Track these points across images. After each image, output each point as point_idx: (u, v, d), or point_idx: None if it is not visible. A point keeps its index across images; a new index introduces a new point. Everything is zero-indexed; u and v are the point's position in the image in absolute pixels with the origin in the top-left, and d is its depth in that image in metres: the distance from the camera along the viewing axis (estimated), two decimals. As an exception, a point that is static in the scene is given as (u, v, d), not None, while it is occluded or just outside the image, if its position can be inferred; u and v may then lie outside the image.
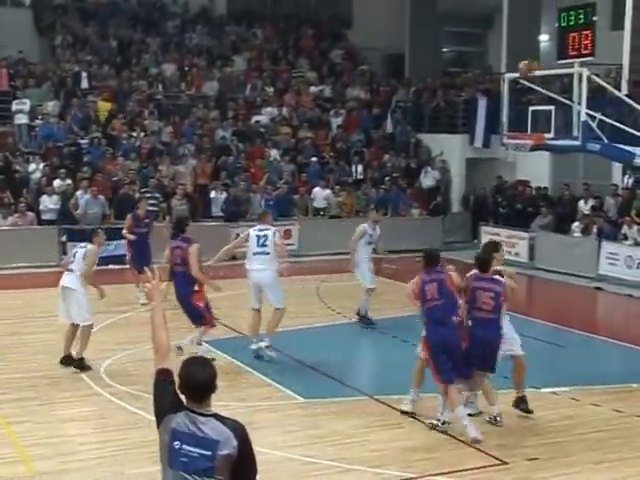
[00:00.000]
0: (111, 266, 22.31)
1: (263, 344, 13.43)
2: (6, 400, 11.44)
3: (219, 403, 10.78)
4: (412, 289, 10.72)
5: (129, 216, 18.66)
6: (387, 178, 27.98)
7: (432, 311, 10.44)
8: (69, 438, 10.00)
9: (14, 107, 26.54)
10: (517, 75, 17.58)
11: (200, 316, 13.21)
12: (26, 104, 26.56)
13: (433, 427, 10.31)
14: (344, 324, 16.41)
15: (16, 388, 11.95)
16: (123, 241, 22.87)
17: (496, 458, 9.56)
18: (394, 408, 11.16)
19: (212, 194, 25.55)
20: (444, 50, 37.17)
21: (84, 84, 28.48)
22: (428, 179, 28.98)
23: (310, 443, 9.98)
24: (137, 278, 17.51)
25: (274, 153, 27.95)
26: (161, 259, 14.50)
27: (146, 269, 6.95)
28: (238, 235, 24.36)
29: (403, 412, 10.78)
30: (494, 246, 11.58)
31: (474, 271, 10.76)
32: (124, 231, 18.36)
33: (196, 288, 13.20)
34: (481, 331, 10.35)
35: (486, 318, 10.36)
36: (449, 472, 9.12)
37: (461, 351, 10.34)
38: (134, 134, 26.95)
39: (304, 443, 9.97)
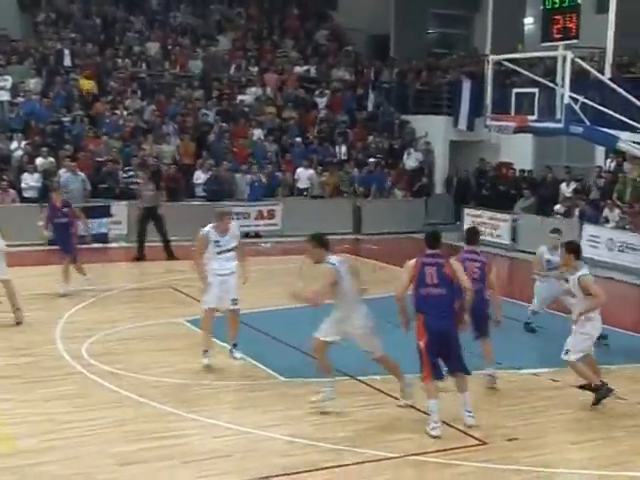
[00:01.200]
0: (94, 245, 22.24)
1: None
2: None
3: (200, 382, 10.84)
4: (404, 280, 10.01)
5: (46, 207, 17.99)
6: (371, 159, 27.96)
7: (428, 298, 9.78)
8: (50, 416, 9.95)
9: (-5, 84, 26.36)
10: (501, 57, 17.62)
11: None
12: (8, 81, 26.31)
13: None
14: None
15: (-3, 366, 11.94)
16: (105, 219, 22.95)
17: (476, 438, 9.60)
18: (375, 388, 11.20)
19: (196, 174, 25.47)
20: (429, 32, 37.05)
21: (67, 62, 28.29)
22: (411, 160, 28.99)
23: (291, 422, 9.99)
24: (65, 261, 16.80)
25: (258, 133, 27.87)
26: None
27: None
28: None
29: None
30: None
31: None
32: (40, 223, 17.20)
33: None
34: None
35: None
36: (429, 452, 9.16)
37: (458, 344, 9.98)
38: (117, 112, 26.80)
39: (285, 422, 9.97)
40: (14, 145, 24.58)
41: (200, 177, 25.36)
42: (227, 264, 12.07)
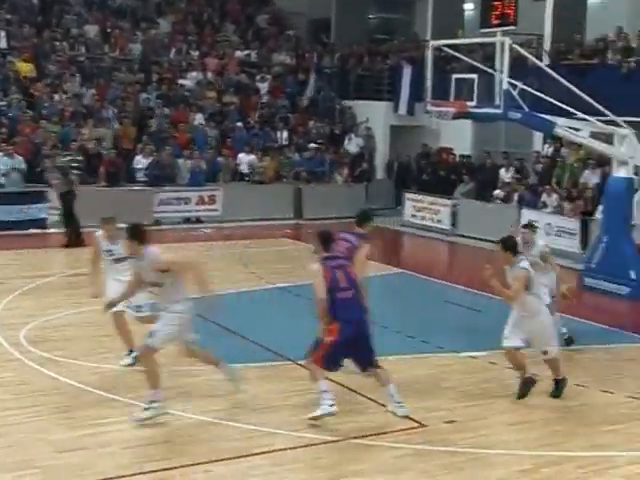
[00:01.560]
0: (32, 230, 22.06)
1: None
2: None
3: (137, 368, 10.78)
4: (319, 282, 9.52)
5: None
6: (311, 144, 27.98)
7: (345, 302, 9.53)
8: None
9: None
10: (441, 42, 17.74)
11: None
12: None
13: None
14: (267, 289, 16.44)
15: None
16: (44, 204, 22.66)
17: (415, 421, 9.71)
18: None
19: (136, 158, 25.25)
20: (370, 17, 37.09)
21: (2, 44, 27.76)
22: (352, 145, 29.08)
23: (233, 407, 10.01)
24: None
25: (199, 118, 27.72)
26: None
27: None
28: (161, 200, 24.42)
29: None
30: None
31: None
32: None
33: None
34: None
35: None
36: (369, 435, 9.25)
37: (368, 344, 9.74)
38: (56, 97, 26.45)
39: (227, 408, 9.99)
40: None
41: (141, 162, 25.11)
42: (127, 273, 10.80)
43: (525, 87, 17.40)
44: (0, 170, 23.01)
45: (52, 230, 22.51)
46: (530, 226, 13.19)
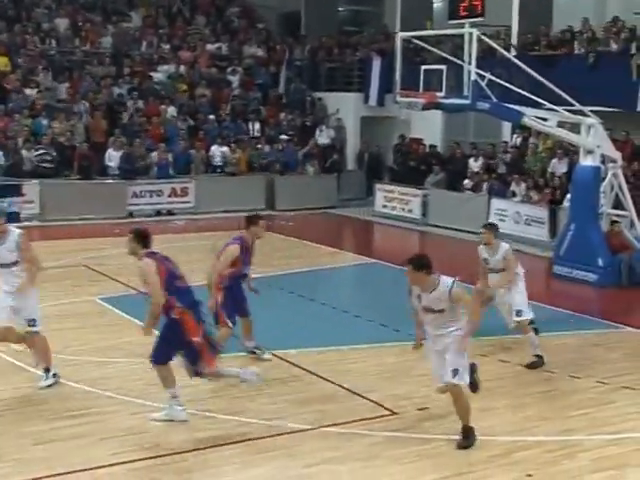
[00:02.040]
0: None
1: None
2: None
3: (115, 359, 10.76)
4: (154, 280, 8.98)
5: None
6: (282, 136, 27.95)
7: (187, 290, 9.29)
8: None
9: None
10: (410, 34, 17.76)
11: None
12: None
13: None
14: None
15: None
16: (17, 198, 22.50)
17: (387, 408, 9.75)
18: (288, 362, 11.27)
19: (108, 152, 25.09)
20: (340, 9, 37.04)
21: (-26, 38, 27.58)
22: (323, 137, 29.06)
23: (207, 397, 10.00)
24: None
25: (171, 110, 27.60)
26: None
27: None
28: (134, 193, 24.34)
29: None
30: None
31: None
32: None
33: None
34: None
35: None
36: (342, 423, 9.27)
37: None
38: (27, 91, 26.25)
39: (201, 398, 9.98)
40: None
41: (112, 155, 24.99)
42: (14, 279, 10.16)
43: (493, 78, 17.48)
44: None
45: (25, 224, 22.35)
46: (490, 226, 12.57)
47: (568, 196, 19.69)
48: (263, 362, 11.18)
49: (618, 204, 18.25)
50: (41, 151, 24.06)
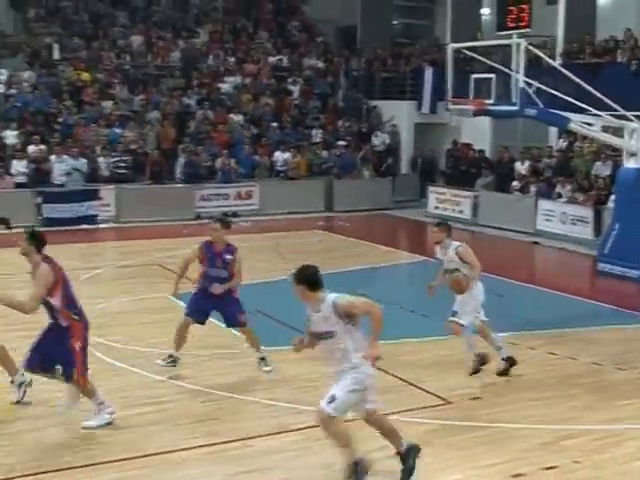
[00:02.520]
0: (84, 226, 22.27)
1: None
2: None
3: (186, 351, 10.83)
4: (46, 284, 8.31)
5: None
6: (340, 142, 27.97)
7: (75, 303, 8.71)
8: (46, 384, 9.91)
9: (-9, 77, 26.16)
10: (460, 45, 17.62)
11: None
12: (3, 74, 26.15)
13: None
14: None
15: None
16: (95, 202, 22.84)
17: (441, 398, 9.70)
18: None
19: (179, 159, 25.34)
20: (394, 23, 36.94)
21: (56, 55, 28.01)
22: (378, 142, 29.01)
23: (270, 387, 10.05)
24: None
25: (237, 119, 27.77)
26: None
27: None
28: (202, 197, 24.55)
29: None
30: None
31: None
32: None
33: None
34: None
35: None
36: (399, 412, 9.21)
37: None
38: (104, 103, 26.61)
39: (265, 388, 10.02)
40: (7, 134, 24.32)
41: (181, 161, 25.23)
42: None
43: (540, 85, 17.28)
44: (63, 170, 23.22)
45: (102, 226, 22.68)
46: (441, 225, 11.15)
47: (612, 197, 19.45)
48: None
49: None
50: (116, 158, 24.38)
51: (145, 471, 7.75)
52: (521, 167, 24.44)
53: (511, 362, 10.55)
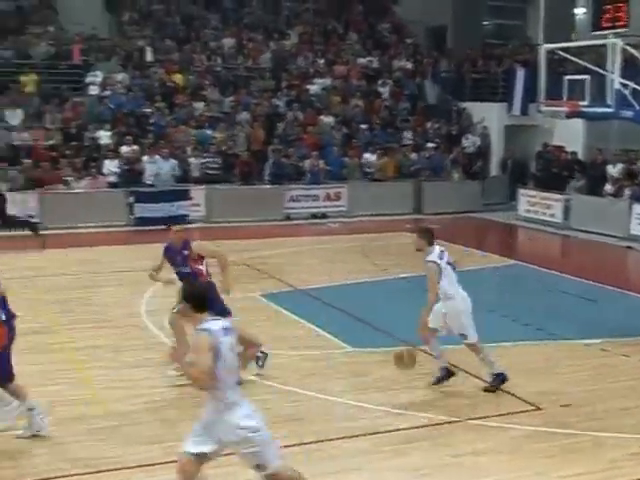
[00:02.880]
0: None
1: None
2: (81, 347, 11.67)
3: (275, 352, 10.92)
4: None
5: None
6: (429, 144, 27.84)
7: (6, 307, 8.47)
8: (137, 382, 10.15)
9: (87, 79, 26.83)
10: (554, 46, 17.34)
11: None
12: (98, 76, 26.85)
13: None
14: (389, 279, 16.40)
15: (89, 337, 12.16)
16: (185, 202, 23.18)
17: (531, 404, 9.57)
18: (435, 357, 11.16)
19: (270, 159, 25.57)
20: (485, 23, 36.63)
21: (149, 57, 28.59)
22: (469, 144, 28.79)
23: (359, 389, 10.06)
24: None
25: (327, 120, 27.88)
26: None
27: None
28: (291, 197, 24.72)
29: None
30: None
31: None
32: None
33: None
34: None
35: None
36: (488, 416, 9.15)
37: None
38: (195, 104, 27.03)
39: (354, 389, 10.04)
40: (101, 134, 24.92)
41: (270, 162, 25.46)
42: None
43: (637, 87, 16.88)
44: (154, 171, 23.69)
45: (193, 225, 23.00)
46: (420, 230, 10.43)
47: None
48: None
49: None
50: (207, 159, 24.73)
51: (229, 469, 7.79)
52: (613, 170, 23.92)
53: (449, 373, 10.15)
